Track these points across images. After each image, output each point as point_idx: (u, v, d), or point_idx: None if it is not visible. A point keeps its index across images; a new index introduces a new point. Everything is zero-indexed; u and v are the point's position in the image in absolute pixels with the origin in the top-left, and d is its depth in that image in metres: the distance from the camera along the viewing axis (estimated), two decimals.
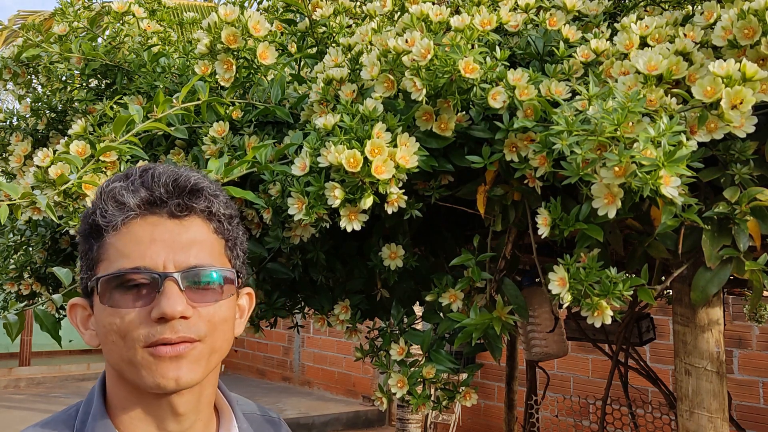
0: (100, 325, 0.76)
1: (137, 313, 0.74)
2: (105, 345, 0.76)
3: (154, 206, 0.76)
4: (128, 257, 0.74)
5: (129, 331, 0.73)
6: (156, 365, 0.74)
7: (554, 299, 1.12)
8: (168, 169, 0.78)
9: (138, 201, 0.75)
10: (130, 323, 0.73)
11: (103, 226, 0.75)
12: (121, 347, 0.74)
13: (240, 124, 1.50)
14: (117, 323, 0.74)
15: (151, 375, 0.74)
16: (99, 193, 0.77)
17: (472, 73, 1.14)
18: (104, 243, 0.76)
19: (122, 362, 0.75)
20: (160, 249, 0.75)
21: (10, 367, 8.83)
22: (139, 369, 0.74)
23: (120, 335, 0.74)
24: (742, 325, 4.84)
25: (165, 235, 0.75)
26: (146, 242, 0.75)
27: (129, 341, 0.73)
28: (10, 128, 1.96)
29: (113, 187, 0.76)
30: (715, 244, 1.13)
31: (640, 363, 2.74)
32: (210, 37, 1.46)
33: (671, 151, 0.92)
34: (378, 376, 7.11)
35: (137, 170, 0.78)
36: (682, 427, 1.27)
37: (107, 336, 0.75)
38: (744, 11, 1.07)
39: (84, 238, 0.79)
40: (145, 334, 0.73)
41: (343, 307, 1.53)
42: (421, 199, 1.30)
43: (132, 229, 0.75)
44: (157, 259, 0.74)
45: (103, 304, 0.75)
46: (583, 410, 5.24)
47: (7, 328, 1.65)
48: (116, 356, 0.75)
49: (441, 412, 5.89)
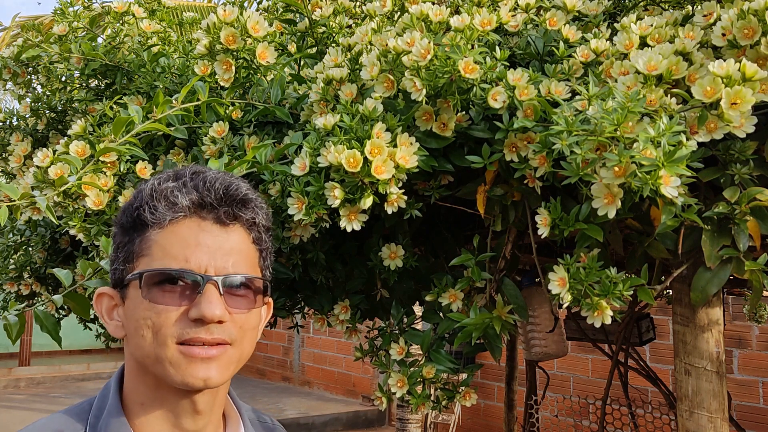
0: (132, 318, 0.78)
1: (175, 312, 0.76)
2: (134, 338, 0.78)
3: (203, 210, 0.79)
4: (174, 257, 0.77)
5: (163, 327, 0.76)
6: (186, 364, 0.76)
7: (554, 299, 1.12)
8: (220, 175, 0.81)
9: (188, 203, 0.78)
10: (165, 320, 0.76)
11: (150, 222, 0.78)
12: (151, 342, 0.76)
13: (240, 125, 1.50)
14: (152, 318, 0.76)
15: (179, 373, 0.76)
16: (150, 190, 0.79)
17: (472, 73, 1.14)
18: (147, 238, 0.78)
19: (149, 357, 0.76)
20: (204, 253, 0.78)
21: (10, 367, 8.83)
22: (167, 365, 0.76)
23: (153, 330, 0.76)
24: (742, 325, 4.84)
25: (209, 240, 0.78)
26: (192, 245, 0.77)
27: (161, 337, 0.76)
28: (10, 128, 1.97)
29: (166, 186, 0.78)
30: (715, 244, 1.13)
31: (640, 363, 2.74)
32: (209, 37, 1.46)
33: (671, 151, 0.92)
34: (378, 376, 7.11)
35: (188, 171, 0.81)
36: (682, 427, 1.27)
37: (138, 330, 0.77)
38: (744, 11, 1.07)
39: (124, 230, 0.81)
40: (179, 332, 0.76)
41: (343, 307, 1.53)
42: (421, 199, 1.29)
43: (178, 230, 0.78)
44: (200, 262, 0.77)
45: (142, 298, 0.76)
46: (583, 410, 5.24)
47: (8, 329, 1.65)
48: (144, 351, 0.76)
49: (441, 412, 5.90)
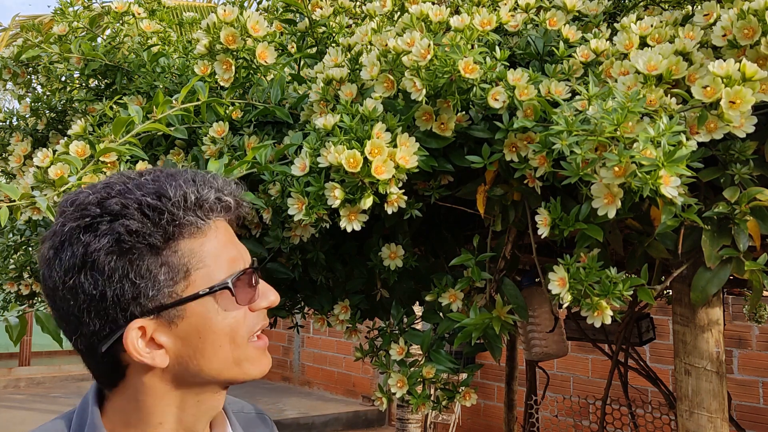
0: (202, 334, 0.74)
1: (244, 310, 0.76)
2: (204, 355, 0.74)
3: (224, 209, 0.77)
4: (233, 259, 0.76)
5: (239, 328, 0.76)
6: (261, 356, 0.78)
7: (554, 299, 1.12)
8: (208, 173, 0.79)
9: (217, 206, 0.75)
10: (241, 320, 0.76)
11: (188, 235, 0.73)
12: (227, 350, 0.75)
13: (240, 125, 1.50)
14: (231, 324, 0.75)
15: (256, 367, 0.77)
16: (178, 200, 0.72)
17: (472, 73, 1.14)
18: (192, 251, 0.73)
19: (225, 366, 0.75)
20: (240, 246, 0.78)
21: (10, 367, 8.83)
22: (246, 365, 0.76)
23: (230, 336, 0.75)
24: (742, 325, 4.84)
25: (232, 234, 0.79)
26: (231, 243, 0.77)
27: (239, 339, 0.76)
28: (10, 128, 1.96)
29: (194, 193, 0.73)
30: (715, 244, 1.13)
31: (640, 363, 2.74)
32: (209, 37, 1.46)
33: (671, 151, 0.92)
34: (378, 376, 7.11)
35: (184, 174, 0.76)
36: (682, 427, 1.27)
37: (214, 343, 0.74)
38: (744, 11, 1.07)
39: (154, 250, 0.71)
40: (249, 328, 0.77)
41: (343, 307, 1.53)
42: (421, 199, 1.29)
43: (218, 233, 0.76)
44: (245, 255, 0.78)
45: (220, 309, 0.74)
46: (583, 410, 5.23)
47: (9, 331, 1.65)
48: (219, 363, 0.75)
49: (441, 412, 5.90)
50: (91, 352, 0.74)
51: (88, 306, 0.71)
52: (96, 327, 0.72)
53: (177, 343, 0.74)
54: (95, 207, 0.72)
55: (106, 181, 0.76)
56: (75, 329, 0.74)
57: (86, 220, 0.71)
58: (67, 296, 0.72)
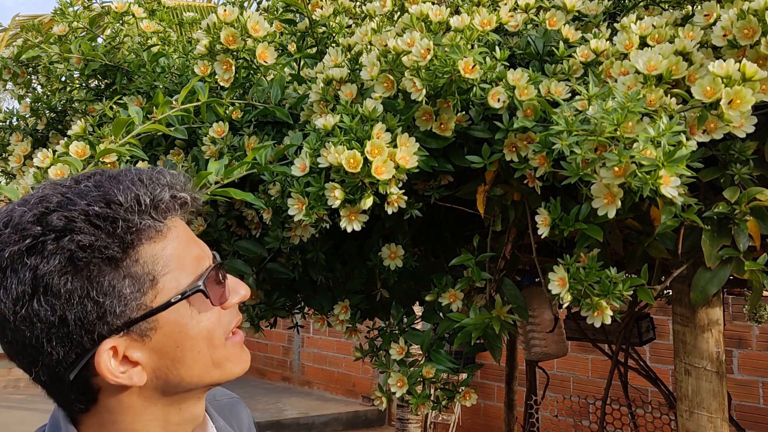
0: (179, 342, 0.69)
1: (218, 309, 0.72)
2: (183, 364, 0.70)
3: (179, 207, 0.71)
4: (198, 258, 0.71)
5: (215, 329, 0.71)
6: (240, 352, 0.74)
7: (554, 299, 1.12)
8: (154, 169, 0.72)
9: (172, 204, 0.70)
10: (216, 320, 0.72)
11: (148, 239, 0.67)
12: (206, 354, 0.71)
13: (240, 125, 1.50)
14: (207, 326, 0.70)
15: (238, 364, 0.74)
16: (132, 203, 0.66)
17: (472, 73, 1.14)
18: (155, 257, 0.67)
19: (206, 371, 0.71)
20: (201, 242, 0.73)
21: (10, 367, 8.82)
22: (227, 364, 0.73)
23: (207, 339, 0.70)
24: (741, 325, 4.84)
25: (190, 230, 0.73)
26: (192, 240, 0.72)
27: (216, 340, 0.71)
28: (10, 128, 1.96)
29: (138, 194, 0.67)
30: (715, 244, 1.13)
31: (640, 363, 2.74)
32: (209, 37, 1.46)
33: (671, 151, 0.92)
34: (378, 376, 7.11)
35: (138, 173, 0.70)
36: (682, 427, 1.27)
37: (193, 349, 0.70)
38: (744, 11, 1.07)
39: (113, 263, 0.65)
40: (225, 327, 0.73)
41: (342, 307, 1.53)
42: (421, 199, 1.30)
43: (177, 233, 0.70)
44: (207, 251, 0.73)
45: (194, 312, 0.70)
46: (583, 410, 5.24)
47: None
48: (200, 368, 0.71)
49: (441, 412, 5.91)
50: (56, 382, 0.68)
51: (48, 334, 0.64)
52: (60, 355, 0.65)
53: (153, 357, 0.68)
54: (35, 225, 0.64)
55: (37, 193, 0.67)
56: (34, 361, 0.67)
57: (27, 241, 0.63)
58: (21, 327, 0.64)
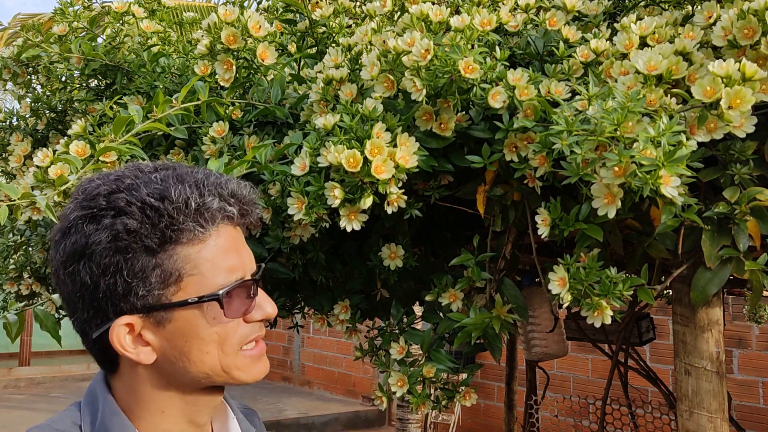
0: (188, 338, 0.74)
1: (238, 320, 0.76)
2: (189, 359, 0.74)
3: (229, 216, 0.75)
4: (231, 269, 0.74)
5: (229, 337, 0.75)
6: (252, 364, 0.78)
7: (554, 299, 1.12)
8: (223, 176, 0.77)
9: (220, 213, 0.74)
10: (233, 330, 0.75)
11: (188, 240, 0.72)
12: (215, 357, 0.75)
13: (240, 124, 1.50)
14: (220, 333, 0.74)
15: (247, 374, 0.77)
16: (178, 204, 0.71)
17: (472, 73, 1.14)
18: (188, 257, 0.72)
19: (213, 372, 0.76)
20: (244, 256, 0.77)
21: (10, 367, 8.83)
22: (235, 372, 0.76)
23: (218, 343, 0.75)
24: (742, 325, 4.84)
25: (239, 243, 0.77)
26: (234, 251, 0.76)
27: (228, 347, 0.75)
28: (10, 128, 1.96)
29: (193, 198, 0.72)
30: (715, 244, 1.13)
31: (640, 363, 2.74)
32: (210, 37, 1.46)
33: (671, 151, 0.92)
34: (378, 376, 7.11)
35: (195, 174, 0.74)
36: (682, 427, 1.27)
37: (201, 349, 0.74)
38: (744, 11, 1.07)
39: (149, 251, 0.71)
40: (242, 337, 0.76)
41: (342, 307, 1.53)
42: (421, 199, 1.29)
43: (219, 241, 0.74)
44: (245, 266, 0.77)
45: (207, 317, 0.74)
46: (583, 410, 5.23)
47: (7, 328, 1.65)
48: (205, 366, 0.75)
49: (441, 411, 5.90)
50: (84, 336, 0.77)
51: (83, 294, 0.73)
52: (88, 315, 0.74)
53: (163, 343, 0.74)
54: (103, 199, 0.72)
55: (120, 171, 0.76)
56: (72, 312, 0.76)
57: (93, 210, 0.72)
58: (66, 281, 0.74)
